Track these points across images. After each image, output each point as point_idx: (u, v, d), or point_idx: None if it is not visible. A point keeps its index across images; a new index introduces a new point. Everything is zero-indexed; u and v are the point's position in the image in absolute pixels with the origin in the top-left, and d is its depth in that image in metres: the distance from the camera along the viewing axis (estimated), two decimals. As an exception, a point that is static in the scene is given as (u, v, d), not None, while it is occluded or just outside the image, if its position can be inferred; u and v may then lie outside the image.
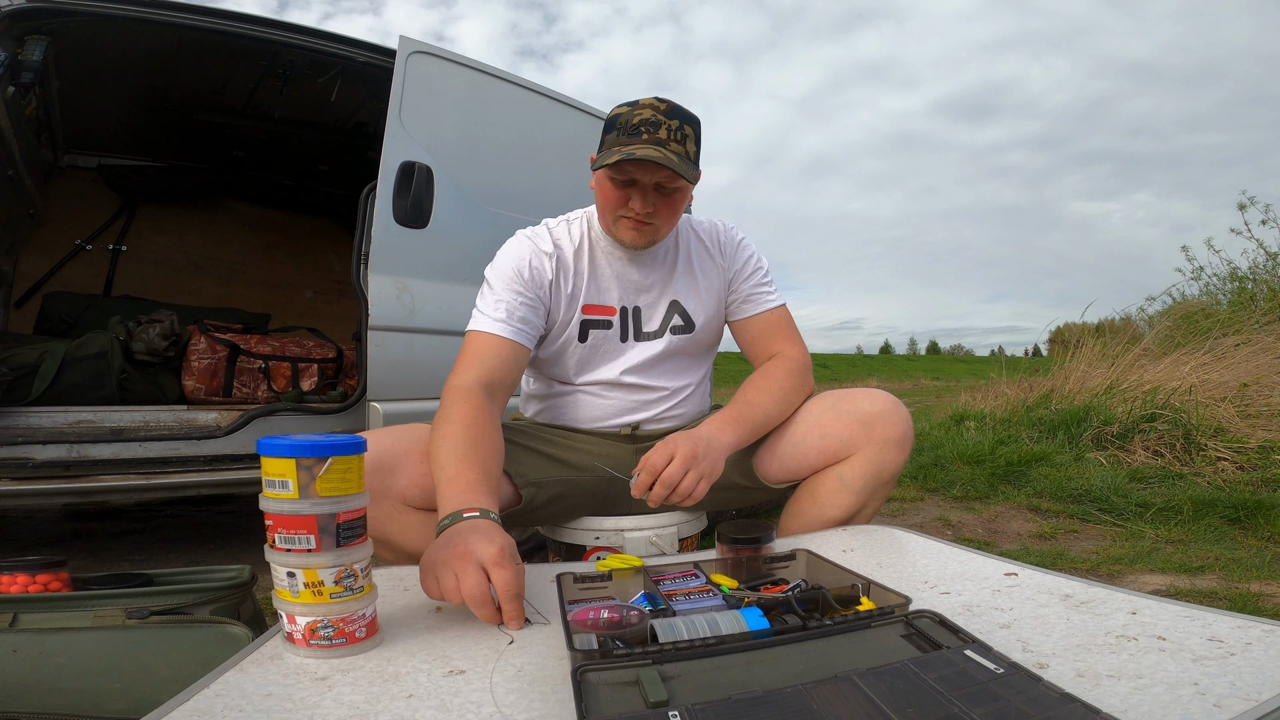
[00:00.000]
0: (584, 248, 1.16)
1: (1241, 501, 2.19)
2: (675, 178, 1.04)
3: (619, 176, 1.05)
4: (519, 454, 1.10)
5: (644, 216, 1.06)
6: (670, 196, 1.07)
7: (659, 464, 0.96)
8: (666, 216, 1.09)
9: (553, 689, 0.55)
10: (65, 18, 1.97)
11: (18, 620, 0.80)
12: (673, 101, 1.05)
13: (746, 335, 1.25)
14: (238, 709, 0.52)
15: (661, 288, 1.19)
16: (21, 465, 1.69)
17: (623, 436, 1.19)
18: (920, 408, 5.74)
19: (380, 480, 0.94)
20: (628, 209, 1.06)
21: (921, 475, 3.10)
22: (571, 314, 1.15)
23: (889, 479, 1.10)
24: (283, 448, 0.60)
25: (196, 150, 3.30)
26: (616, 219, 1.09)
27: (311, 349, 2.72)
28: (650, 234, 1.09)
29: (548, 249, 1.13)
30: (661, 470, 0.95)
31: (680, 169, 1.00)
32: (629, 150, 1.00)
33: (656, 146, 1.00)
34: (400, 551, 0.99)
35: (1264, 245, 5.92)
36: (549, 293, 1.13)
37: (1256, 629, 0.60)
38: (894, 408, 1.10)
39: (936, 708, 0.46)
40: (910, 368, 36.49)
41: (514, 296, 1.08)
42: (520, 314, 1.07)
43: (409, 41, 2.00)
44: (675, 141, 1.02)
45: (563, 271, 1.14)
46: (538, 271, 1.12)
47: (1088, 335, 4.62)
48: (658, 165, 1.01)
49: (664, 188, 1.06)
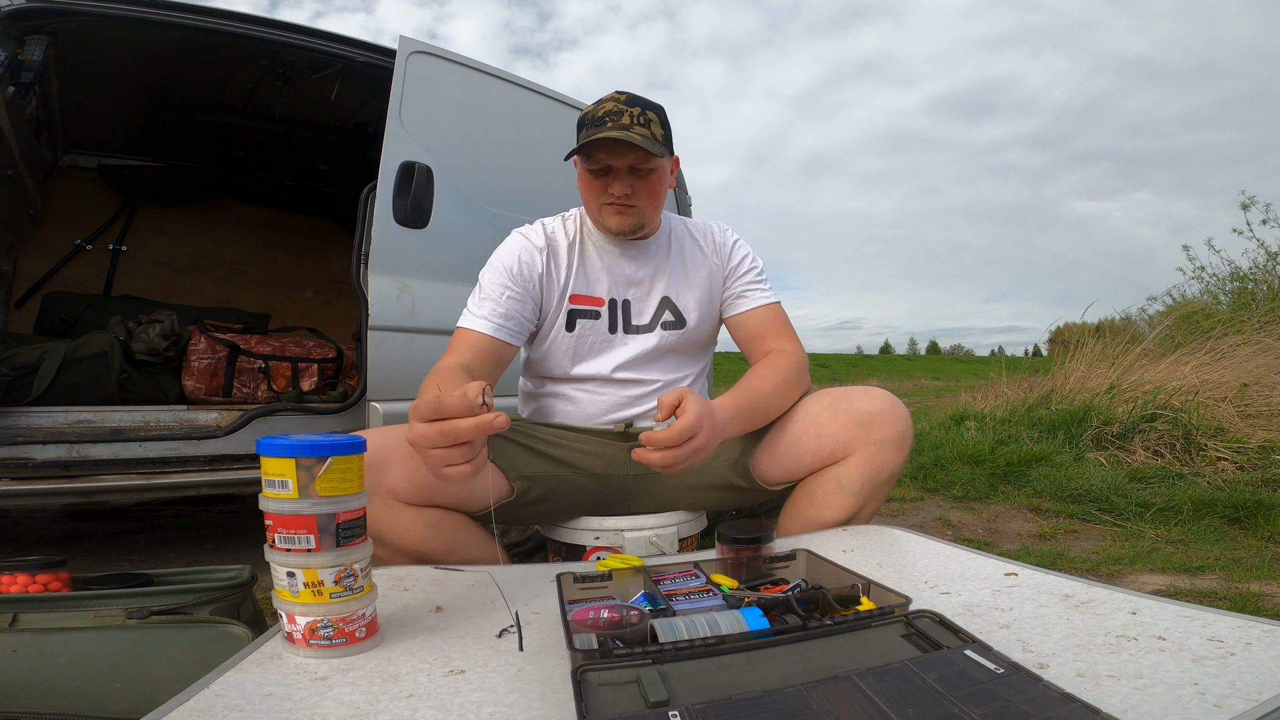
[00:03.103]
0: (576, 241, 1.21)
1: (1241, 501, 2.19)
2: (646, 158, 1.10)
3: (593, 166, 1.11)
4: (511, 449, 1.10)
5: (623, 199, 1.12)
6: (646, 179, 1.13)
7: (678, 421, 0.89)
8: (648, 199, 1.14)
9: (553, 689, 0.55)
10: (65, 18, 1.97)
11: (18, 620, 0.80)
12: (633, 93, 1.12)
13: (743, 332, 1.25)
14: (238, 709, 0.52)
15: (652, 282, 1.22)
16: (21, 465, 1.69)
17: (616, 434, 1.19)
18: (920, 408, 5.74)
19: (372, 476, 0.94)
20: (608, 195, 1.12)
21: (921, 475, 3.10)
22: (560, 304, 1.18)
23: (888, 479, 1.09)
24: (282, 448, 0.60)
25: (196, 150, 3.30)
26: (600, 207, 1.14)
27: (311, 349, 2.72)
28: (635, 216, 1.14)
29: (539, 243, 1.18)
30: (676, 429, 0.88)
31: (646, 145, 1.06)
32: (594, 135, 1.06)
33: (620, 130, 1.06)
34: (393, 547, 0.98)
35: (1265, 245, 5.93)
36: (539, 286, 1.17)
37: (1256, 629, 0.60)
38: (892, 407, 1.09)
39: (936, 708, 0.46)
40: (910, 368, 36.49)
41: (501, 292, 1.13)
42: (505, 310, 1.12)
43: (409, 41, 2.00)
44: (639, 125, 1.08)
45: (554, 263, 1.18)
46: (528, 266, 1.16)
47: (1088, 335, 4.62)
48: (626, 148, 1.08)
49: (638, 169, 1.11)
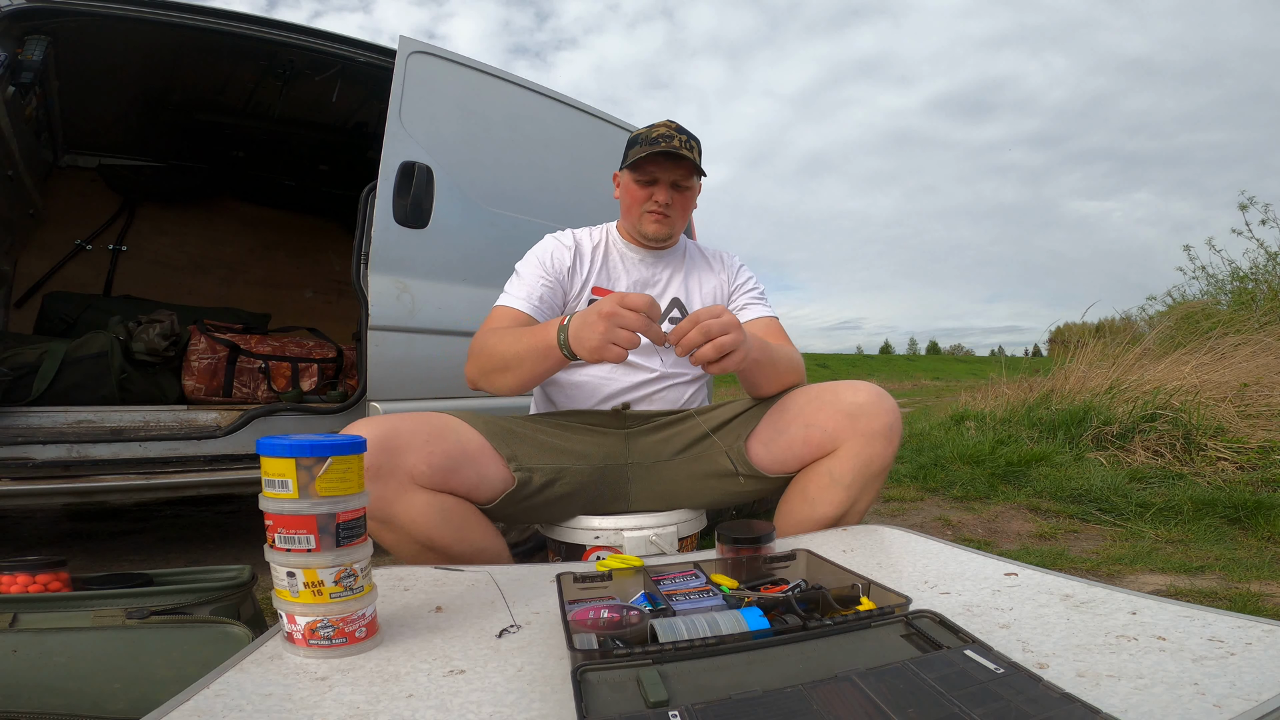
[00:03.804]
0: (601, 247, 1.34)
1: (1241, 501, 2.19)
2: (688, 175, 1.27)
3: (642, 177, 1.26)
4: (513, 441, 1.12)
5: (663, 209, 1.27)
6: (684, 194, 1.29)
7: (707, 322, 0.95)
8: (681, 212, 1.30)
9: (553, 689, 0.55)
10: (65, 18, 1.97)
11: (18, 620, 0.80)
12: (679, 122, 1.28)
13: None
14: (238, 709, 0.52)
15: (665, 285, 1.34)
16: (21, 465, 1.69)
17: (612, 415, 1.22)
18: (920, 408, 5.74)
19: (389, 458, 0.96)
20: (651, 202, 1.27)
21: (921, 475, 3.10)
22: (582, 295, 1.30)
23: (879, 471, 1.10)
24: (282, 448, 0.60)
25: (196, 150, 3.30)
26: (641, 214, 1.29)
27: (311, 349, 2.72)
28: (669, 226, 1.29)
29: (568, 244, 1.32)
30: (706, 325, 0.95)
31: (695, 161, 1.24)
32: (653, 150, 1.21)
33: (675, 148, 1.22)
34: (403, 532, 0.99)
35: (1264, 245, 5.94)
36: (567, 277, 1.29)
37: (1256, 629, 0.60)
38: (878, 399, 1.10)
39: (936, 708, 0.46)
40: (910, 368, 36.49)
41: (537, 279, 1.25)
42: (540, 294, 1.24)
43: (409, 41, 2.00)
44: (687, 150, 1.23)
45: (579, 260, 1.31)
46: (558, 260, 1.29)
47: (1088, 335, 4.62)
48: (674, 164, 1.24)
49: (679, 185, 1.27)
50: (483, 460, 1.07)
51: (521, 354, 1.07)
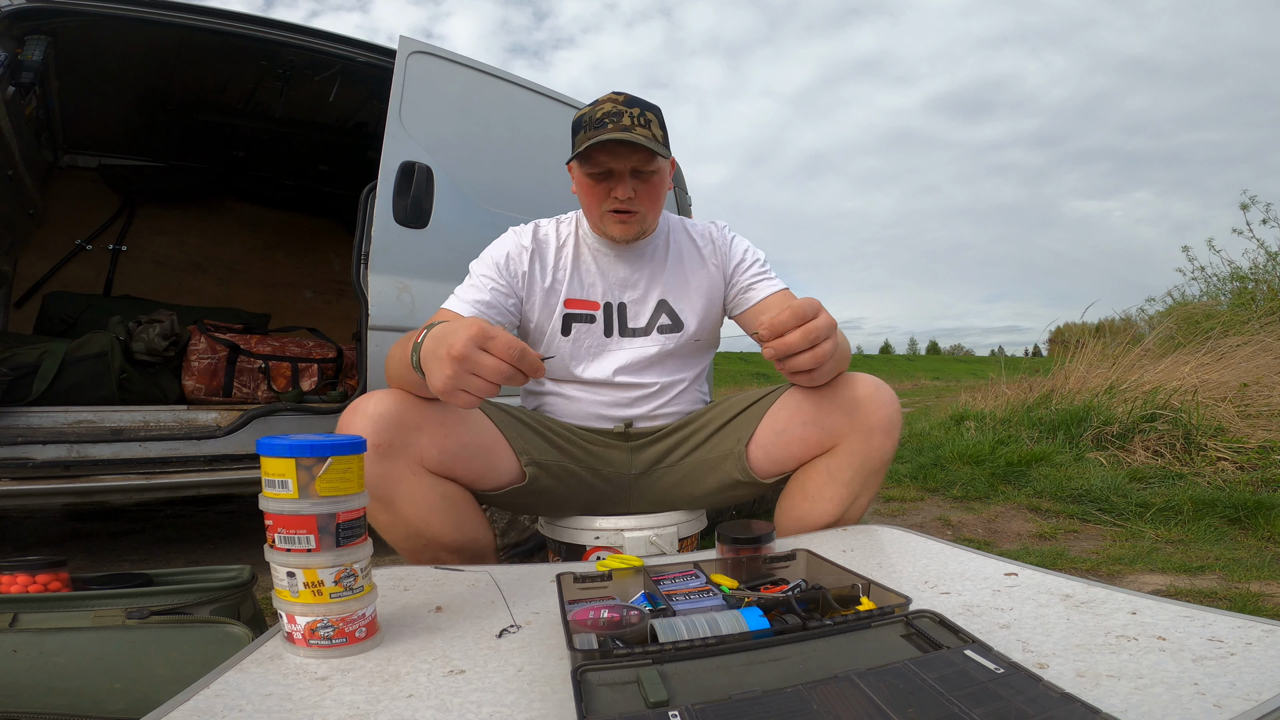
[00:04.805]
0: (569, 244, 1.20)
1: (1241, 501, 2.19)
2: (649, 159, 1.07)
3: (594, 170, 1.09)
4: (527, 433, 1.09)
5: (627, 204, 1.10)
6: (648, 181, 1.11)
7: (807, 315, 0.88)
8: (649, 202, 1.12)
9: (553, 689, 0.55)
10: (65, 18, 1.97)
11: (18, 620, 0.80)
12: (629, 93, 1.09)
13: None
14: (238, 709, 0.52)
15: (648, 285, 1.21)
16: (21, 465, 1.69)
17: (616, 434, 1.19)
18: (920, 408, 5.74)
19: (401, 435, 0.92)
20: (611, 200, 1.10)
21: (921, 475, 3.10)
22: (554, 307, 1.18)
23: (878, 467, 1.07)
24: (282, 448, 0.60)
25: (196, 150, 3.31)
26: (602, 215, 1.12)
27: (311, 349, 2.72)
28: (637, 223, 1.13)
29: (526, 243, 1.19)
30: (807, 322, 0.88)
31: (650, 145, 1.04)
32: (595, 138, 1.03)
33: (623, 131, 1.04)
34: (399, 515, 0.96)
35: (1265, 245, 5.94)
36: (522, 283, 1.17)
37: (1256, 629, 0.60)
38: (877, 391, 1.06)
39: (936, 708, 0.46)
40: (910, 368, 36.49)
41: (486, 283, 1.14)
42: (488, 299, 1.13)
43: (409, 41, 2.00)
44: (640, 126, 1.05)
45: (539, 264, 1.18)
46: (514, 262, 1.17)
47: (1088, 335, 4.62)
48: (629, 150, 1.05)
49: (640, 172, 1.09)
50: (495, 451, 1.05)
51: (400, 362, 0.93)
